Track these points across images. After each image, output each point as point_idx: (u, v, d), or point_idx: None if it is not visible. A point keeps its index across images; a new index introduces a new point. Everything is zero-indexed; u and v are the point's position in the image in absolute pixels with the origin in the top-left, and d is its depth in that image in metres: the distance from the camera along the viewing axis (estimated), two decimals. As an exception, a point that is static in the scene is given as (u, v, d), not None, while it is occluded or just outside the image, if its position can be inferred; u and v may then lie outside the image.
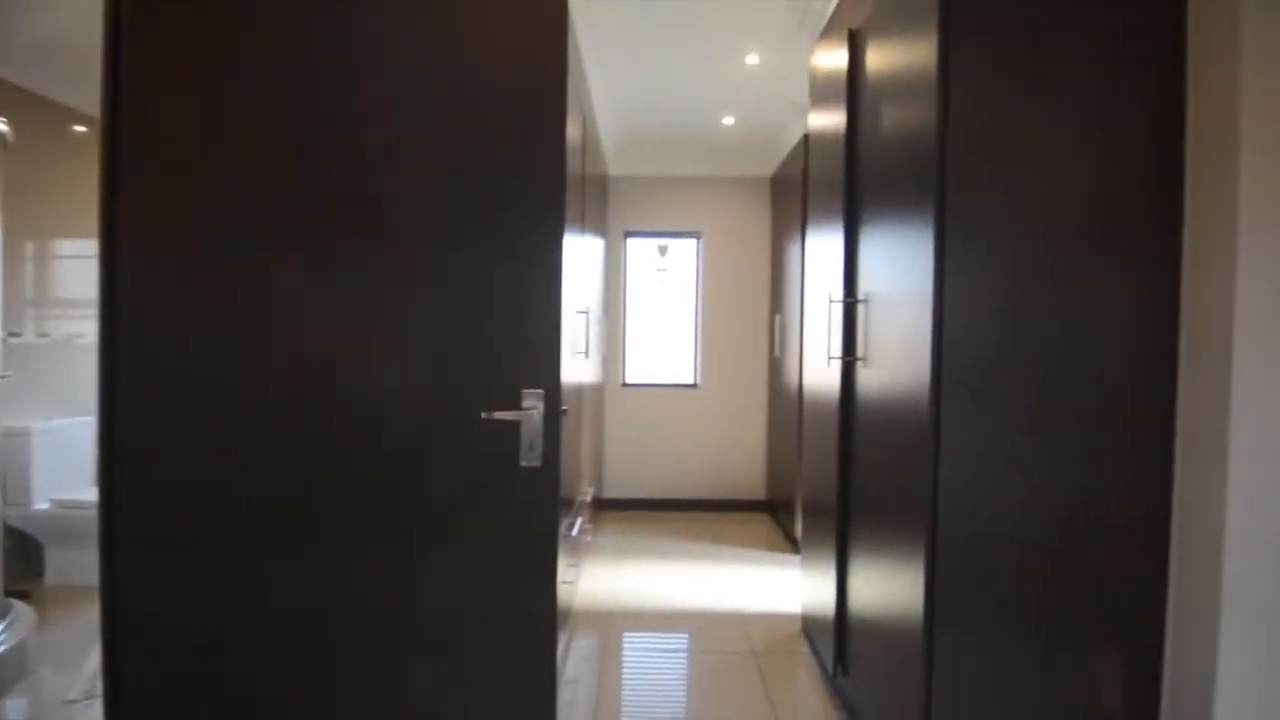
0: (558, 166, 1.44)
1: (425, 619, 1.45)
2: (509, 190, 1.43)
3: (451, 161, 1.43)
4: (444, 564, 1.44)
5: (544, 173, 1.43)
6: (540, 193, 1.43)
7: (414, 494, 1.43)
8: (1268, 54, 1.36)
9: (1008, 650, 1.50)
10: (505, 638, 1.45)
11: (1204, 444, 1.44)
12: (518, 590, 1.45)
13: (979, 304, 1.47)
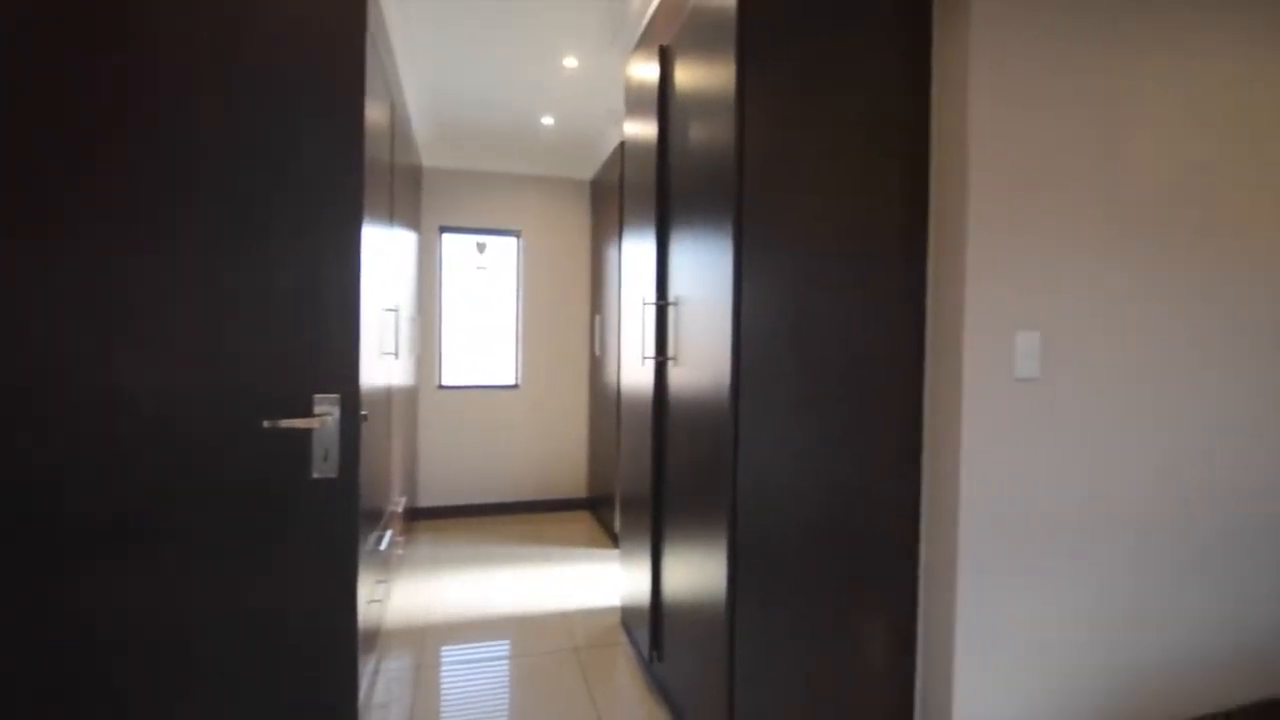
0: (355, 150, 1.33)
1: (203, 651, 1.26)
2: (299, 174, 1.30)
3: (228, 140, 1.26)
4: (224, 590, 1.27)
5: (340, 156, 1.32)
6: (337, 178, 1.32)
7: (185, 513, 1.24)
8: (990, 122, 1.67)
9: (797, 614, 1.67)
10: (299, 668, 1.31)
11: (944, 428, 1.72)
12: (314, 614, 1.32)
13: (771, 309, 1.61)
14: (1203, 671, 1.99)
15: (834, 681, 1.71)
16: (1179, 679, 1.95)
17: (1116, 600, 1.87)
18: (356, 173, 1.33)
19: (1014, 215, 1.70)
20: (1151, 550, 1.90)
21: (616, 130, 3.80)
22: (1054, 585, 1.79)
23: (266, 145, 1.27)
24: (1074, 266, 1.78)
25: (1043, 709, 1.79)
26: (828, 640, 1.70)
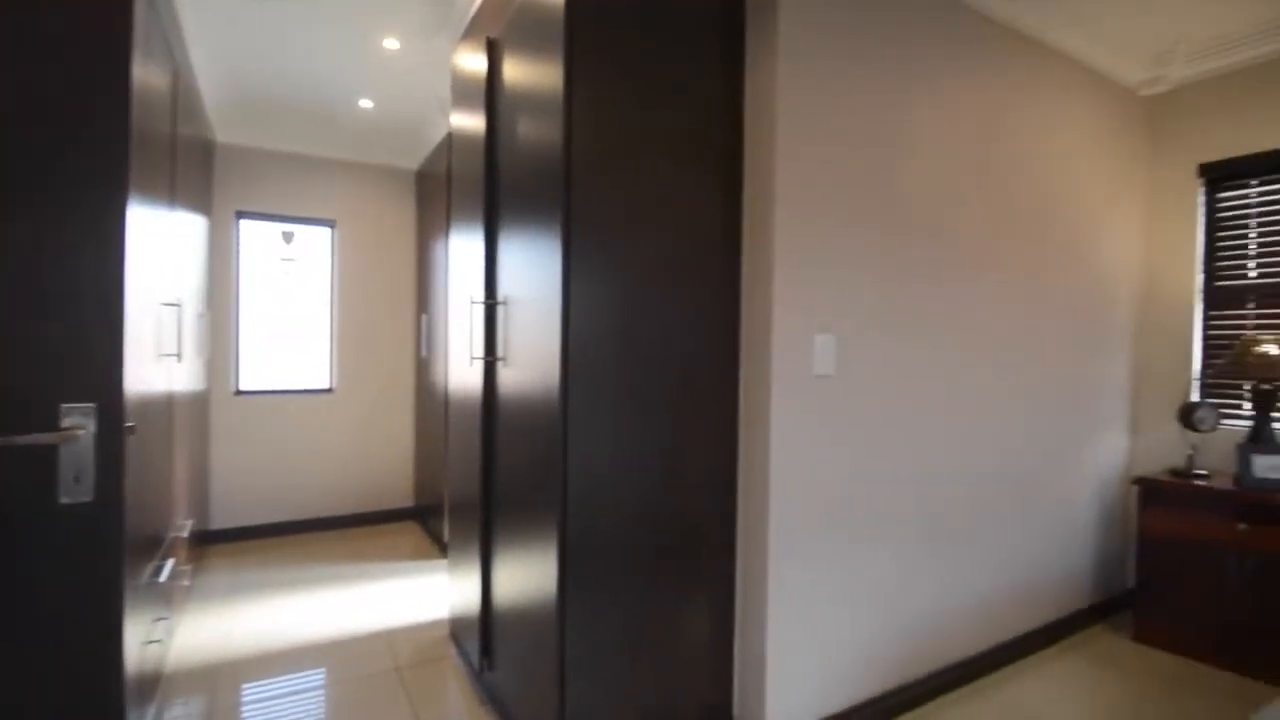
0: (120, 114, 1.14)
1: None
2: (49, 141, 1.08)
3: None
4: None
5: (102, 121, 1.12)
6: (97, 148, 1.11)
7: None
8: (793, 147, 1.83)
9: (626, 604, 1.71)
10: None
11: (755, 420, 1.86)
12: (69, 665, 1.10)
13: (599, 309, 1.64)
14: (974, 617, 2.35)
15: (661, 663, 1.78)
16: (956, 625, 2.30)
17: (904, 564, 2.15)
18: (121, 143, 1.13)
19: (814, 231, 1.89)
20: (931, 519, 2.22)
21: (444, 120, 3.64)
22: (852, 556, 2.02)
23: (9, 105, 1.04)
24: (863, 278, 2.02)
25: (846, 667, 2.01)
26: (655, 625, 1.76)
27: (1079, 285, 2.75)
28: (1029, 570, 2.59)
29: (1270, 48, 2.63)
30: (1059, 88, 2.64)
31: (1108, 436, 2.94)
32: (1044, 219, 2.59)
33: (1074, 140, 2.70)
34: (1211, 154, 2.84)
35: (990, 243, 2.39)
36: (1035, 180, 2.54)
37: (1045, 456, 2.64)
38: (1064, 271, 2.68)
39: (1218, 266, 2.86)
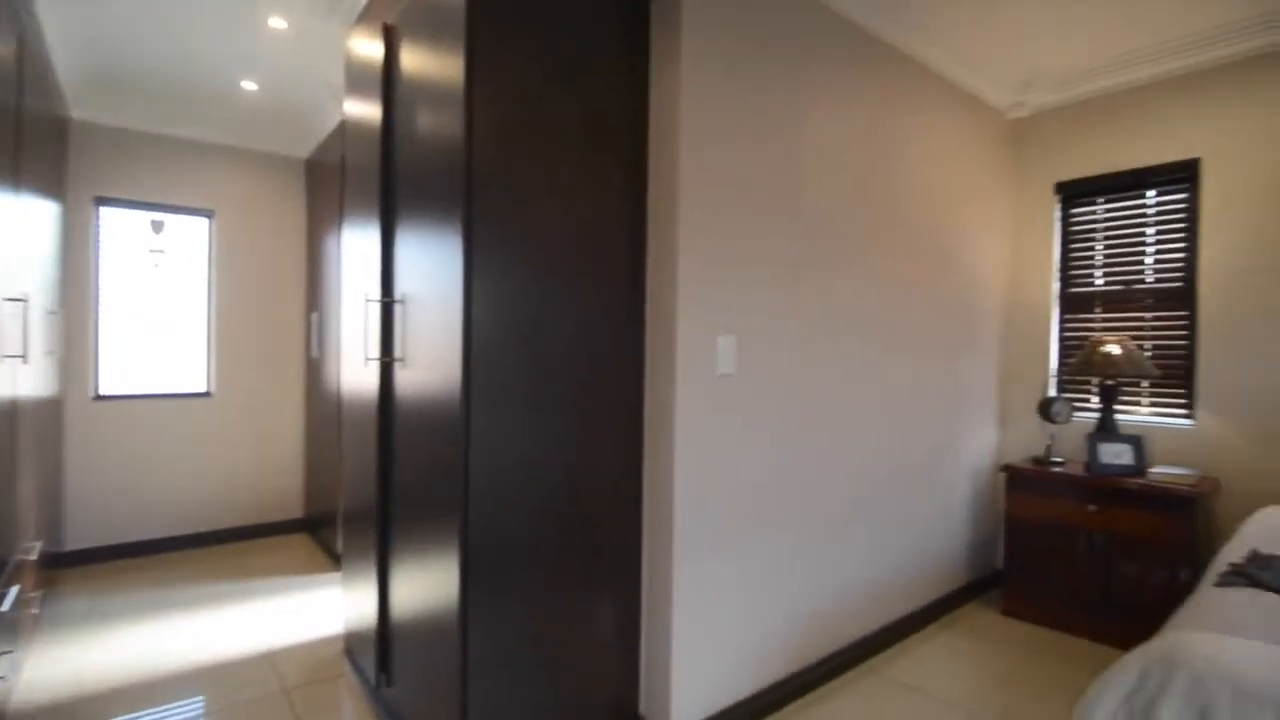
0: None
1: None
2: None
3: None
4: None
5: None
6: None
7: None
8: (697, 152, 1.87)
9: (532, 608, 1.69)
10: None
11: (661, 418, 1.89)
12: None
13: (503, 308, 1.61)
14: (865, 601, 2.49)
15: (567, 662, 1.77)
16: (850, 609, 2.42)
17: (804, 554, 2.25)
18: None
19: (717, 232, 1.95)
20: (827, 510, 2.33)
21: (337, 107, 3.45)
22: (755, 548, 2.09)
23: None
24: (763, 280, 2.09)
25: (751, 655, 2.07)
26: (561, 625, 1.75)
27: (956, 290, 2.98)
28: (913, 554, 2.78)
29: (1110, 82, 2.96)
30: (941, 107, 2.85)
31: (980, 429, 3.20)
32: (926, 228, 2.79)
33: (952, 155, 2.93)
34: (1066, 173, 3.16)
35: (880, 249, 2.55)
36: (919, 191, 2.73)
37: (927, 448, 2.85)
38: (943, 277, 2.89)
39: (1070, 275, 3.19)
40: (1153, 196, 2.94)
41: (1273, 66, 2.60)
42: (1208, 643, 1.27)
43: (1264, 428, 2.60)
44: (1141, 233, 2.98)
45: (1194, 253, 2.81)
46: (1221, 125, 2.72)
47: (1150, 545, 2.55)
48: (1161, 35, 2.67)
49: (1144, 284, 2.96)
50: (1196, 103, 2.78)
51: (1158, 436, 2.85)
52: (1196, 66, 2.76)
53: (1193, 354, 2.80)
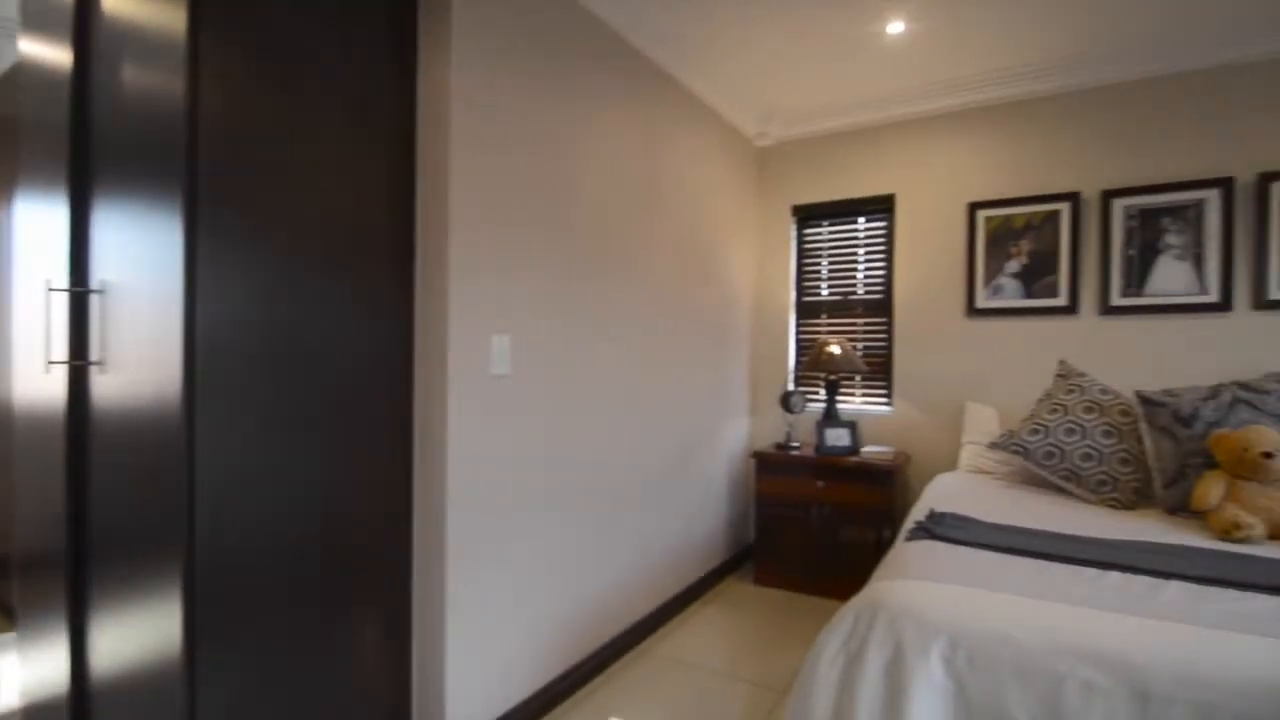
0: None
1: None
2: None
3: None
4: None
5: None
6: None
7: None
8: (469, 156, 1.82)
9: (282, 646, 1.50)
10: None
11: (432, 423, 1.81)
12: None
13: (239, 306, 1.41)
14: (639, 586, 2.62)
15: (330, 698, 1.60)
16: (625, 596, 2.53)
17: (581, 549, 2.30)
18: None
19: (490, 235, 1.91)
20: (604, 503, 2.41)
21: (10, 46, 2.73)
22: (534, 549, 2.09)
23: None
24: (539, 282, 2.11)
25: (531, 656, 2.06)
26: (321, 659, 1.58)
27: (714, 297, 3.30)
28: (682, 538, 3.01)
29: (833, 123, 3.51)
30: (704, 130, 3.13)
31: (735, 420, 3.58)
32: (689, 240, 3.04)
33: (712, 174, 3.23)
34: (801, 198, 3.66)
35: (648, 257, 2.72)
36: (682, 206, 2.97)
37: (692, 439, 3.10)
38: (703, 285, 3.18)
39: (804, 286, 3.71)
40: (863, 223, 3.55)
41: (945, 125, 3.29)
42: (898, 588, 1.57)
43: (937, 410, 3.28)
44: (855, 252, 3.57)
45: (891, 270, 3.44)
46: (908, 168, 3.37)
47: (864, 512, 3.07)
48: (864, 92, 3.23)
49: (857, 295, 3.56)
50: (893, 148, 3.41)
51: (867, 421, 3.45)
52: (892, 119, 3.39)
53: (890, 353, 3.43)
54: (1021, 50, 2.83)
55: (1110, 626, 1.34)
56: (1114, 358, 2.88)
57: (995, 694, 1.34)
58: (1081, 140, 3.01)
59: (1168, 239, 2.84)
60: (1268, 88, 2.67)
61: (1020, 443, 2.60)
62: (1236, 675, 1.19)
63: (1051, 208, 3.05)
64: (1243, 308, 2.72)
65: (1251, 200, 2.70)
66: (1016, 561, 1.68)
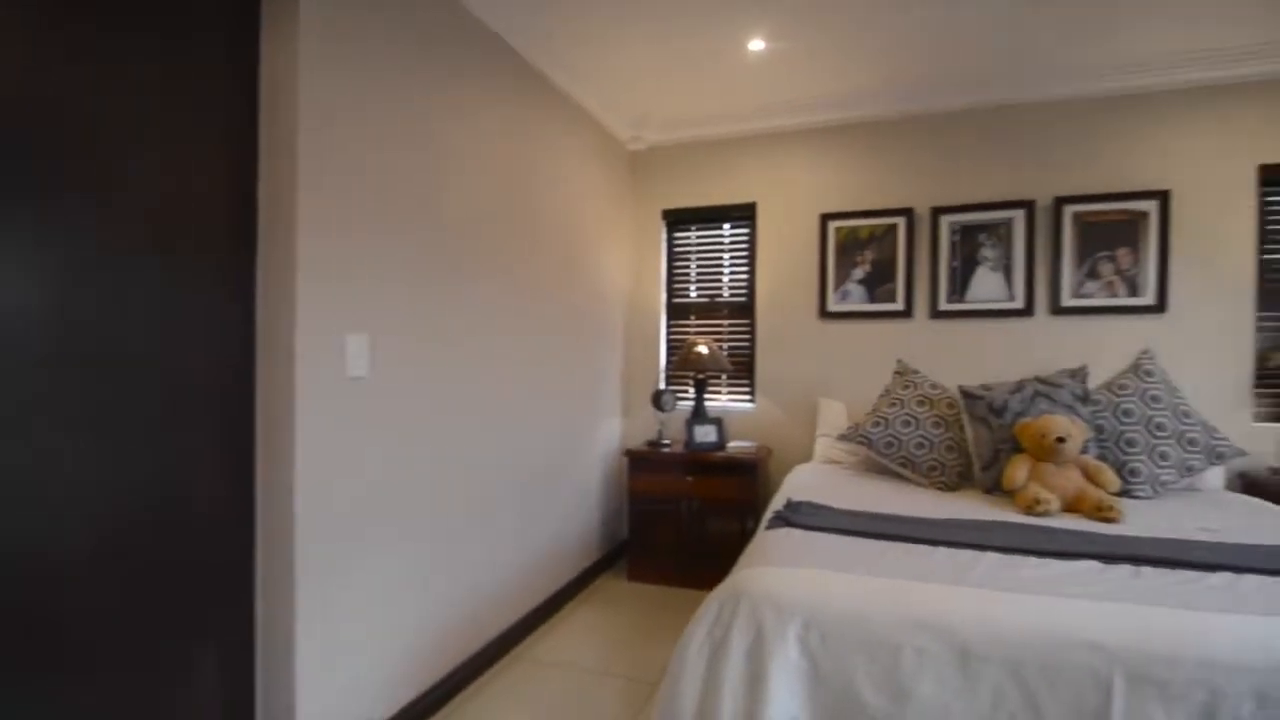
0: None
1: None
2: None
3: None
4: None
5: None
6: None
7: None
8: (320, 148, 1.69)
9: (94, 687, 1.31)
10: None
11: (278, 431, 1.66)
12: None
13: (29, 297, 1.21)
14: (513, 589, 2.56)
15: (153, 750, 1.42)
16: (499, 601, 2.46)
17: (452, 556, 2.21)
18: None
19: (347, 231, 1.79)
20: (475, 507, 2.33)
21: None
22: (400, 559, 1.98)
23: None
24: (404, 280, 2.00)
25: (395, 670, 1.95)
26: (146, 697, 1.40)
27: (587, 297, 3.31)
28: (555, 538, 2.99)
29: (701, 133, 3.64)
30: (577, 132, 3.14)
31: (609, 419, 3.62)
32: (563, 240, 3.02)
33: (587, 176, 3.24)
34: (671, 203, 3.77)
35: (522, 256, 2.67)
36: (556, 206, 2.95)
37: (566, 439, 3.09)
38: (576, 285, 3.19)
39: (674, 288, 3.82)
40: (729, 228, 3.71)
41: (801, 140, 3.52)
42: (758, 575, 1.66)
43: (794, 406, 3.51)
44: (721, 257, 3.74)
45: (754, 275, 3.63)
46: (769, 178, 3.58)
47: (730, 504, 3.21)
48: (730, 104, 3.39)
49: (723, 298, 3.72)
50: (756, 158, 3.60)
51: (733, 417, 3.62)
52: (755, 131, 3.57)
53: (753, 353, 3.63)
54: (867, 76, 3.09)
55: (938, 597, 1.50)
56: (942, 356, 3.23)
57: (844, 668, 1.46)
58: (917, 161, 3.34)
59: (984, 252, 3.23)
60: (1063, 123, 3.12)
61: (865, 434, 2.85)
62: (1038, 632, 1.38)
63: (891, 221, 3.36)
64: (1042, 313, 3.16)
65: (1049, 220, 3.15)
66: (862, 543, 1.84)
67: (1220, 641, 1.30)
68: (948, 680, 1.40)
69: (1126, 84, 3.00)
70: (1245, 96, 2.89)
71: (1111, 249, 3.07)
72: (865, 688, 1.44)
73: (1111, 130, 3.07)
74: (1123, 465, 2.47)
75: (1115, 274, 3.06)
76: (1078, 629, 1.37)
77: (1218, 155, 2.94)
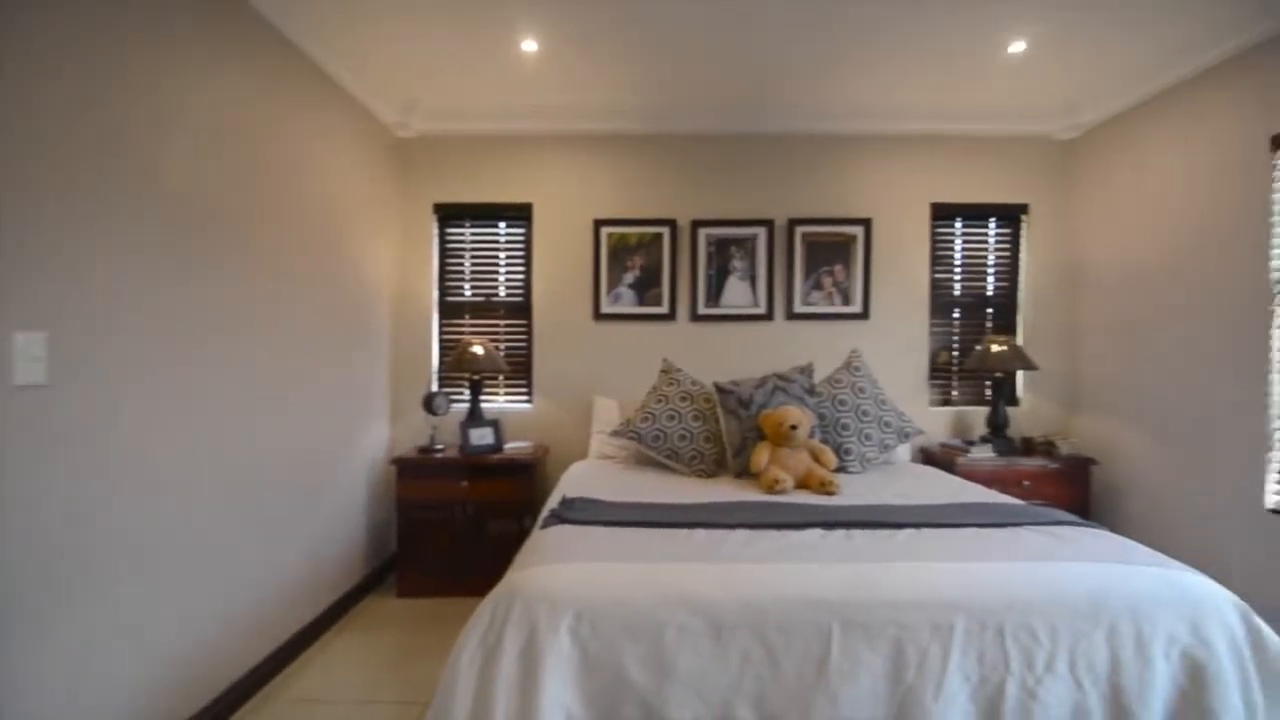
0: None
1: None
2: None
3: None
4: None
5: None
6: None
7: None
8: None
9: None
10: None
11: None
12: None
13: None
14: (256, 622, 2.22)
15: None
16: (238, 637, 2.12)
17: (178, 593, 1.85)
18: None
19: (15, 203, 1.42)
20: (206, 535, 1.98)
21: None
22: (95, 609, 1.60)
23: None
24: (102, 264, 1.64)
25: None
26: None
27: (350, 292, 3.03)
28: (311, 561, 2.69)
29: (478, 126, 3.54)
30: (338, 113, 2.87)
31: (375, 425, 3.36)
32: (321, 229, 2.73)
33: (346, 160, 2.96)
34: (443, 196, 3.61)
35: (269, 244, 2.35)
36: (309, 189, 2.65)
37: (323, 450, 2.80)
38: (338, 279, 2.90)
39: (447, 285, 3.67)
40: (504, 227, 3.67)
41: (576, 145, 3.60)
42: (531, 574, 1.66)
43: (571, 405, 3.59)
44: (497, 256, 3.68)
45: (530, 275, 3.64)
46: (545, 180, 3.61)
47: (508, 506, 3.17)
48: (506, 101, 3.35)
49: (499, 297, 3.67)
50: (533, 159, 3.61)
51: (510, 418, 3.58)
52: (532, 132, 3.58)
53: (530, 352, 3.63)
54: (632, 93, 3.27)
55: (695, 575, 1.64)
56: (701, 356, 3.54)
57: (612, 651, 1.52)
58: (679, 176, 3.63)
59: (734, 263, 3.62)
60: (796, 155, 3.61)
61: (635, 430, 3.01)
62: (775, 596, 1.57)
63: (657, 230, 3.60)
64: (780, 317, 3.63)
65: (785, 238, 3.62)
66: (630, 533, 1.94)
67: (903, 585, 1.61)
68: (704, 650, 1.53)
69: (844, 127, 3.58)
70: (922, 147, 3.63)
71: (831, 265, 3.63)
72: (633, 668, 1.51)
73: (832, 164, 3.64)
74: (839, 446, 2.94)
75: (834, 286, 3.64)
76: (804, 589, 1.59)
77: (904, 192, 3.65)
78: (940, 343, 3.72)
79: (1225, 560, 2.58)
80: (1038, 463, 3.25)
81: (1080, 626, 1.56)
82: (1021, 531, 1.95)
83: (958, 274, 3.73)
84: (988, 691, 1.53)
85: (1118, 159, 3.35)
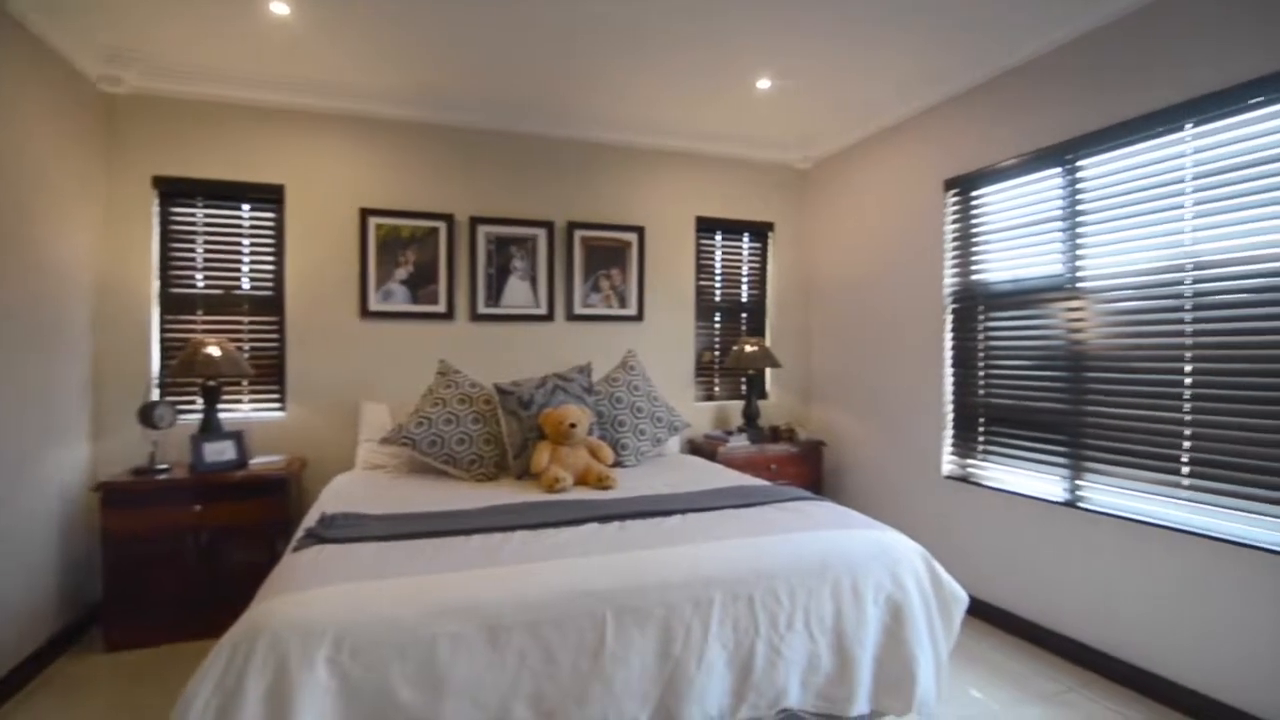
0: None
1: None
2: None
3: None
4: None
5: None
6: None
7: None
8: None
9: None
10: None
11: None
12: None
13: None
14: None
15: None
16: None
17: None
18: None
19: None
20: None
21: None
22: None
23: None
24: None
25: None
26: None
27: (28, 279, 2.41)
28: (-36, 625, 2.09)
29: (216, 90, 3.05)
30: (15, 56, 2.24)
31: (67, 445, 2.72)
32: (-29, 193, 2.13)
33: (29, 117, 2.34)
34: (167, 169, 3.04)
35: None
36: (-45, 143, 2.05)
37: (-16, 481, 2.19)
38: (15, 266, 2.29)
39: (172, 275, 3.10)
40: (248, 210, 3.21)
41: (339, 126, 3.27)
42: (278, 604, 1.47)
43: (334, 411, 3.27)
44: (239, 242, 3.20)
45: (282, 265, 3.23)
46: (301, 161, 3.23)
47: (254, 530, 2.78)
48: (252, 67, 2.93)
49: (242, 290, 3.20)
50: (286, 136, 3.21)
51: (257, 429, 3.14)
52: (284, 105, 3.17)
53: (283, 354, 3.23)
54: (401, 77, 3.08)
55: (470, 582, 1.59)
56: (481, 356, 3.45)
57: (378, 674, 1.41)
58: (457, 170, 3.49)
59: (515, 263, 3.59)
60: (575, 160, 3.69)
61: (408, 435, 2.84)
62: (552, 592, 1.59)
63: (433, 224, 3.43)
64: (561, 318, 3.69)
65: (564, 241, 3.68)
66: (400, 546, 1.82)
67: (669, 567, 1.73)
68: (479, 656, 1.49)
69: (618, 138, 3.75)
70: (686, 164, 3.95)
71: (609, 269, 3.78)
72: (402, 689, 1.42)
73: (608, 173, 3.79)
74: (616, 441, 3.07)
75: (611, 289, 3.79)
76: (579, 582, 1.63)
77: (672, 204, 3.93)
78: (704, 343, 4.08)
79: (914, 517, 3.20)
80: (782, 448, 3.73)
81: (812, 585, 1.82)
82: (767, 510, 2.21)
83: (718, 281, 4.13)
84: (741, 655, 1.71)
85: (838, 188, 3.98)
